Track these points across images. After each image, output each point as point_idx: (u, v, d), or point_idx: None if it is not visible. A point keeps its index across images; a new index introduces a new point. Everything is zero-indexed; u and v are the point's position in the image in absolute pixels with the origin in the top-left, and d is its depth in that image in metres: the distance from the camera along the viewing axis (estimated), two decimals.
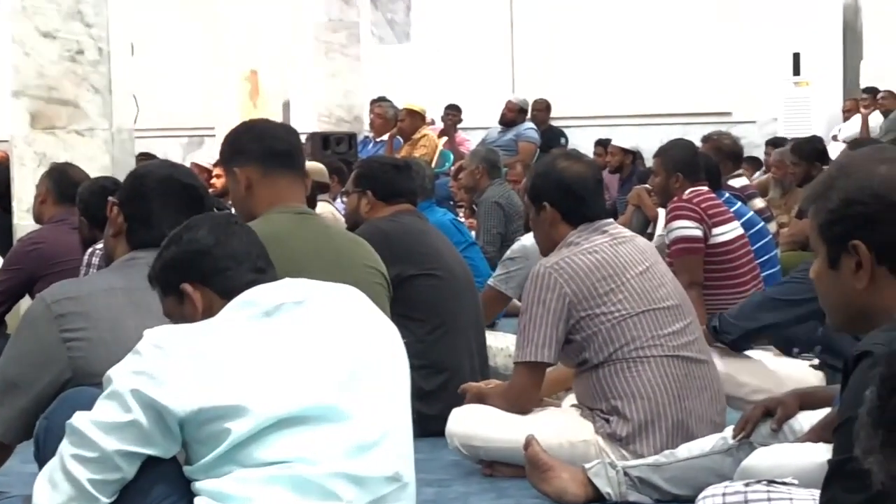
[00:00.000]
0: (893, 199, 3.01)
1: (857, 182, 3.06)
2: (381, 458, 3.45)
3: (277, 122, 5.38)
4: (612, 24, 23.23)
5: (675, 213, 8.48)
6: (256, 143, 5.24)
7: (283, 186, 5.18)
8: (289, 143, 5.31)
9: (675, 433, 5.55)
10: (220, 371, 3.38)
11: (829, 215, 3.07)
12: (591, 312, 5.65)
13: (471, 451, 5.86)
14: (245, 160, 5.22)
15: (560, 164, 6.03)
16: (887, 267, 3.01)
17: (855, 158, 3.20)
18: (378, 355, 3.60)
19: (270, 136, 5.28)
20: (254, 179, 5.17)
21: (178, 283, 3.68)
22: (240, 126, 5.51)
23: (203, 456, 3.37)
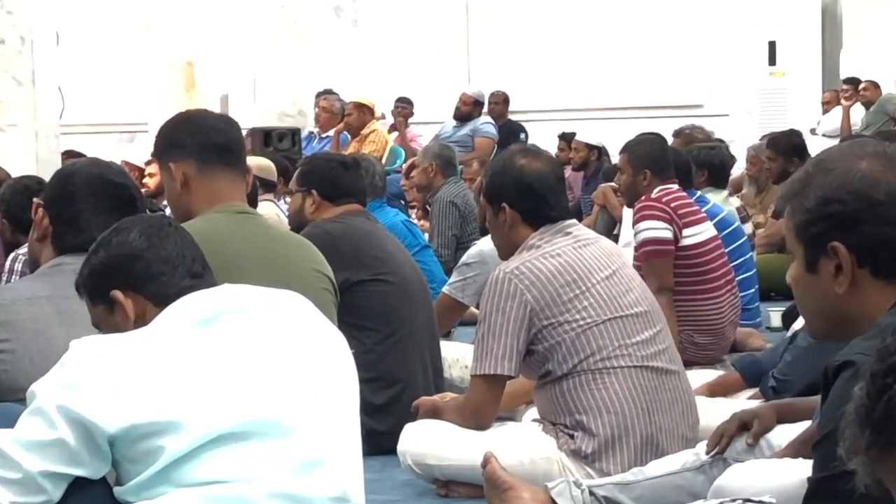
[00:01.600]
0: (875, 197, 3.02)
1: (836, 179, 3.07)
2: (326, 478, 3.44)
3: (216, 113, 5.32)
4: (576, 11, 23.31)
5: (643, 213, 8.52)
6: (193, 136, 5.18)
7: (222, 183, 5.14)
8: (228, 136, 5.25)
9: (644, 449, 5.57)
10: (154, 384, 3.36)
11: (806, 215, 3.07)
12: (555, 321, 5.66)
13: (424, 470, 5.85)
14: (181, 154, 5.16)
15: (519, 162, 6.03)
16: (869, 270, 3.01)
17: (834, 154, 3.21)
18: (323, 367, 3.58)
19: (208, 129, 5.21)
20: (190, 175, 5.12)
21: (107, 290, 3.66)
22: (175, 117, 5.44)
23: (135, 475, 3.35)
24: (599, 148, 15.89)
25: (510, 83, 21.37)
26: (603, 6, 23.48)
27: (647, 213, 8.51)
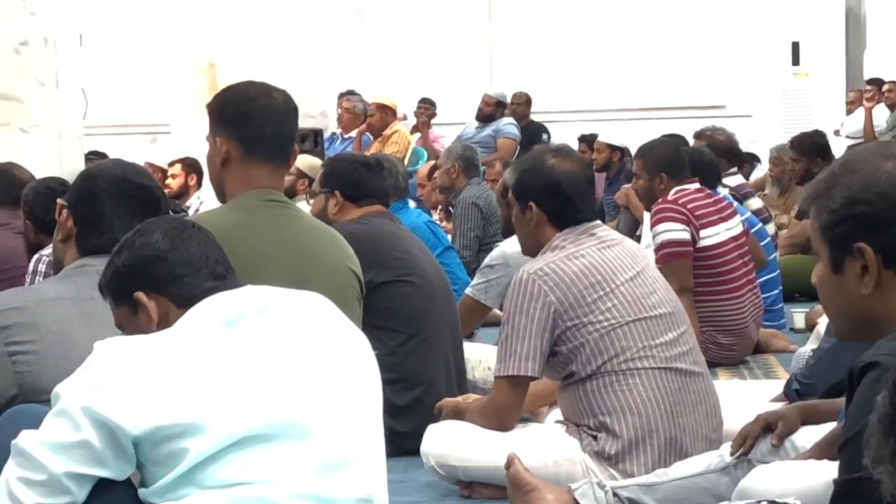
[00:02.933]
0: None
1: (862, 179, 3.06)
2: (350, 479, 3.43)
3: (279, 100, 5.14)
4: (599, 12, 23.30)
5: (660, 215, 8.53)
6: (247, 120, 5.12)
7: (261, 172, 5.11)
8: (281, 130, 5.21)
9: (667, 451, 5.56)
10: (178, 386, 3.36)
11: (831, 216, 3.06)
12: (579, 322, 5.65)
13: (447, 472, 5.85)
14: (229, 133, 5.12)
15: (549, 161, 6.01)
16: (894, 272, 3.00)
17: (860, 154, 3.20)
18: (346, 368, 3.58)
19: (264, 116, 5.14)
20: (232, 156, 5.10)
21: (131, 291, 3.66)
22: (238, 91, 5.31)
23: (160, 477, 3.36)
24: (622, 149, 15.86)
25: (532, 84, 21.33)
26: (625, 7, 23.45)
27: (664, 216, 8.52)
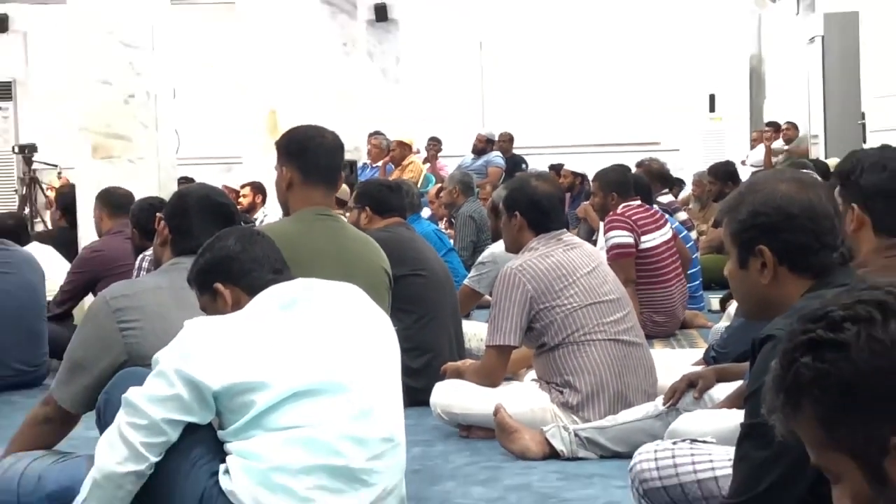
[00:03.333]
0: (792, 211, 3.04)
1: (762, 198, 3.09)
2: (377, 423, 3.46)
3: (331, 141, 5.16)
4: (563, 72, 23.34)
5: (611, 224, 8.61)
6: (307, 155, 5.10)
7: (315, 194, 5.09)
8: (332, 163, 5.20)
9: (616, 402, 5.56)
10: (247, 353, 3.40)
11: (739, 225, 3.10)
12: (548, 305, 5.66)
13: (450, 418, 5.87)
14: (293, 164, 5.10)
15: (533, 183, 6.07)
16: (787, 266, 3.04)
17: (761, 179, 3.23)
18: (373, 340, 3.61)
19: (319, 154, 5.13)
20: (294, 182, 5.08)
21: (211, 283, 3.71)
22: (302, 131, 5.32)
23: (233, 422, 3.39)
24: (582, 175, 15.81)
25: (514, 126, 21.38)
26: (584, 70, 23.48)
27: (614, 225, 8.57)
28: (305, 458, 3.33)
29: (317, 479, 3.33)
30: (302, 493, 3.31)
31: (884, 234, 3.80)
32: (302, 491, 3.31)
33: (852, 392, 1.79)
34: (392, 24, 23.65)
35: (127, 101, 9.29)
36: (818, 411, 1.83)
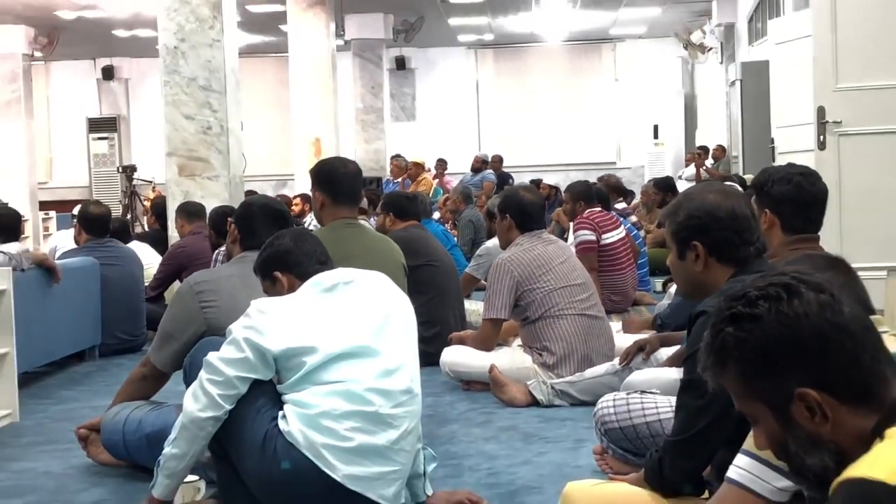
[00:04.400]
0: (719, 215, 3.06)
1: (696, 204, 3.11)
2: (399, 379, 3.45)
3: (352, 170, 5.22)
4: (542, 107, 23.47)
5: (579, 225, 8.64)
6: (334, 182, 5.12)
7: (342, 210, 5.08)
8: (353, 187, 5.21)
9: (582, 362, 5.57)
10: (299, 325, 3.40)
11: (678, 225, 3.11)
12: (530, 288, 5.67)
13: (455, 374, 5.89)
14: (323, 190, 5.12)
15: (521, 193, 6.10)
16: (715, 258, 3.06)
17: (694, 190, 3.24)
18: (397, 315, 3.61)
19: (342, 181, 5.14)
20: (326, 203, 5.09)
21: (272, 271, 3.71)
22: (328, 165, 5.34)
23: (288, 379, 3.39)
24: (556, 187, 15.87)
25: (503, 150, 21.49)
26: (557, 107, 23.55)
27: (581, 226, 8.59)
28: (344, 405, 3.33)
29: (353, 422, 3.33)
30: (342, 432, 3.31)
31: (789, 232, 3.81)
32: (342, 431, 3.31)
33: (765, 354, 1.80)
34: (409, 73, 23.73)
35: (205, 132, 9.30)
36: (739, 369, 1.83)
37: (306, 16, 15.21)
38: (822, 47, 8.12)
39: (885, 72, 8.01)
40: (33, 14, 18.21)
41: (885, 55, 8.00)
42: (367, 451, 3.33)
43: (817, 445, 1.78)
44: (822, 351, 1.77)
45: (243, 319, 3.42)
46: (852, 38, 8.04)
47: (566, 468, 4.24)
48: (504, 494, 3.93)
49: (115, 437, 4.33)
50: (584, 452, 4.42)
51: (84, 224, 7.73)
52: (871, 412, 1.76)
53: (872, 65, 8.01)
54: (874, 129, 8.03)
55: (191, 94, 9.26)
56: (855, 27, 8.02)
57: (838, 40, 8.07)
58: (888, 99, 8.00)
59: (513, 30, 21.95)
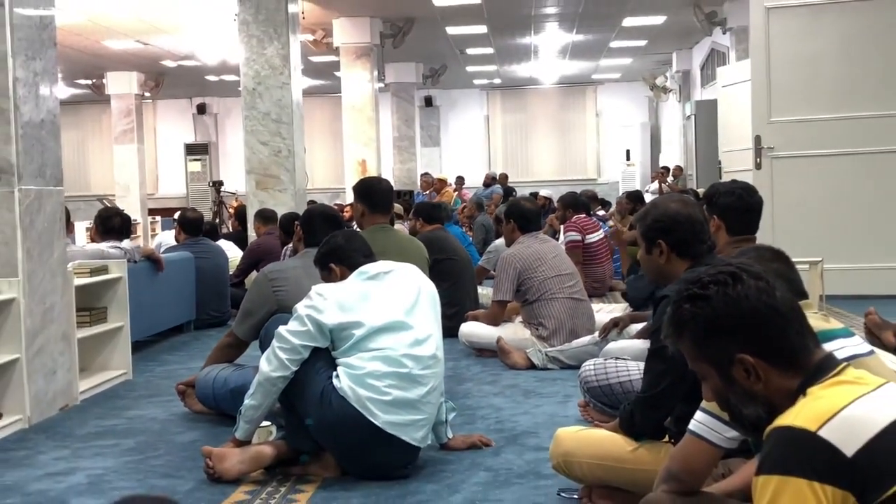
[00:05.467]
0: (679, 220, 3.03)
1: (660, 211, 3.08)
2: (427, 347, 3.44)
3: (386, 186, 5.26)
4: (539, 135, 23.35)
5: (567, 228, 8.62)
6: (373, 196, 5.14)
7: (378, 218, 5.09)
8: (387, 200, 5.24)
9: (569, 335, 5.54)
10: (349, 305, 3.38)
11: (646, 228, 3.08)
12: (529, 276, 5.65)
13: (471, 344, 5.85)
14: (363, 203, 5.12)
15: (522, 202, 6.09)
16: (675, 253, 3.03)
17: (659, 200, 3.20)
18: (425, 296, 3.57)
19: (379, 195, 5.16)
20: (365, 212, 5.10)
21: (328, 263, 3.68)
22: (368, 183, 5.34)
23: (340, 347, 3.37)
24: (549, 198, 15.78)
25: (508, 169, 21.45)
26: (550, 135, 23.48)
27: (569, 228, 8.58)
28: (384, 368, 3.32)
29: (391, 380, 3.32)
30: (382, 388, 3.30)
31: (733, 234, 3.79)
32: (382, 387, 3.30)
33: (713, 326, 1.79)
34: (435, 109, 23.69)
35: (276, 155, 9.32)
36: (692, 337, 1.82)
37: (355, 65, 15.20)
38: (759, 89, 8.09)
39: (808, 108, 7.97)
40: (143, 63, 18.30)
41: (808, 96, 7.97)
42: (402, 403, 3.33)
43: (752, 400, 1.77)
44: (758, 325, 1.76)
45: (306, 300, 3.40)
46: (782, 82, 8.01)
47: (557, 417, 4.22)
48: (508, 437, 3.92)
49: (207, 391, 4.35)
50: (570, 405, 4.41)
51: (183, 226, 7.76)
52: (796, 374, 1.75)
53: (798, 103, 7.98)
54: (800, 153, 8.00)
55: (265, 126, 9.28)
56: (784, 73, 7.99)
57: (772, 83, 8.03)
58: (810, 130, 7.97)
59: (516, 75, 21.91)
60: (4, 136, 4.33)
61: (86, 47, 16.24)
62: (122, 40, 15.75)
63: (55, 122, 4.68)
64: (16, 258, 4.37)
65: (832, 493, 1.54)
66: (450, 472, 3.45)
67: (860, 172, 7.89)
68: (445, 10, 14.21)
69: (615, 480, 2.92)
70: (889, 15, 7.82)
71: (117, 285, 5.54)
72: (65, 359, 4.72)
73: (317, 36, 15.14)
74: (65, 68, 18.82)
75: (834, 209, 7.95)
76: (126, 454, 3.87)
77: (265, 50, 9.26)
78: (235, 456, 3.40)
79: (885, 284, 7.82)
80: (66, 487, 3.44)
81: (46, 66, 4.59)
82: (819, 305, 6.80)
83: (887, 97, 7.83)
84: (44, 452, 3.94)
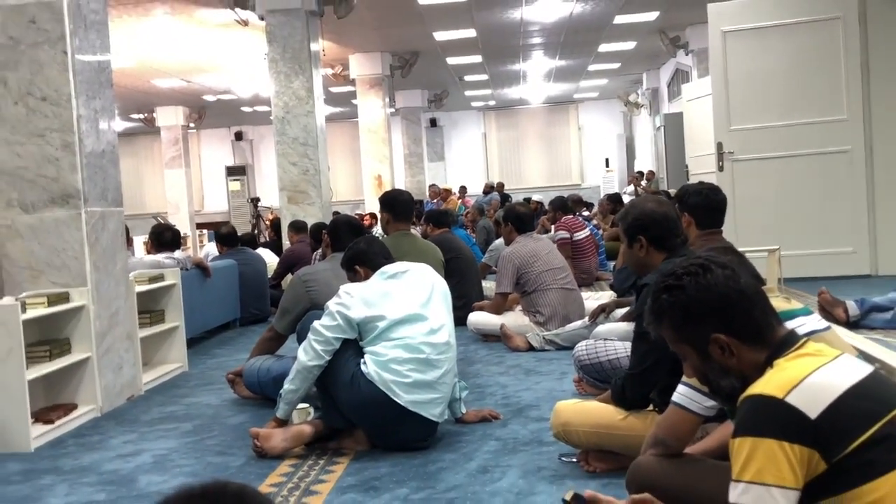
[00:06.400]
0: (656, 218, 3.00)
1: (639, 210, 3.05)
2: (441, 335, 3.42)
3: (407, 197, 5.29)
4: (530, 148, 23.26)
5: (558, 227, 8.55)
6: (396, 206, 5.17)
7: (401, 225, 5.13)
8: (408, 209, 5.26)
9: (563, 320, 5.50)
10: (372, 301, 3.37)
11: (628, 225, 3.06)
12: (526, 271, 5.61)
13: (477, 330, 5.82)
14: (388, 212, 5.15)
15: (517, 207, 6.04)
16: (654, 246, 3.00)
17: (637, 201, 3.17)
18: (437, 291, 3.55)
19: (401, 205, 5.19)
20: (390, 220, 5.14)
21: (354, 265, 3.66)
22: (392, 194, 5.35)
23: (367, 337, 3.36)
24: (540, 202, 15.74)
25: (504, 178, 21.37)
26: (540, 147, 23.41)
27: (559, 227, 8.51)
28: (405, 354, 3.30)
29: (411, 365, 3.31)
30: (404, 372, 3.29)
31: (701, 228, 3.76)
32: (404, 371, 3.29)
33: (687, 312, 1.77)
34: (439, 129, 23.66)
35: (305, 173, 9.30)
36: (671, 322, 1.80)
37: (369, 93, 15.19)
38: (719, 101, 8.05)
39: (762, 117, 7.94)
40: (187, 99, 18.32)
41: (761, 106, 7.93)
42: (421, 384, 3.32)
43: (727, 373, 1.76)
44: (727, 308, 1.74)
45: (336, 298, 3.39)
46: (739, 95, 7.97)
47: (555, 392, 4.20)
48: (514, 410, 3.89)
49: (252, 379, 4.34)
50: (566, 381, 4.38)
51: (220, 241, 7.74)
52: (764, 349, 1.73)
53: (753, 113, 7.95)
54: (757, 157, 7.96)
55: (294, 149, 9.26)
56: (740, 88, 7.95)
57: (730, 97, 8.00)
58: (765, 136, 7.93)
59: (508, 97, 21.86)
60: (71, 165, 4.33)
61: (137, 86, 16.26)
62: (169, 79, 15.76)
63: (114, 152, 4.68)
64: (84, 270, 4.37)
65: (799, 451, 1.53)
66: (465, 442, 3.44)
67: (808, 171, 7.86)
68: (445, 43, 14.22)
69: (608, 445, 2.90)
70: (826, 35, 7.80)
71: (172, 291, 5.53)
72: (129, 355, 4.72)
73: (336, 70, 15.13)
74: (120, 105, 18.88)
75: (787, 203, 7.92)
76: (185, 436, 3.86)
77: (292, 84, 9.25)
78: (279, 435, 3.39)
79: (833, 266, 7.80)
80: (135, 466, 3.44)
81: (105, 104, 4.59)
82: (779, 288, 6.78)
83: (828, 105, 7.80)
84: (114, 437, 3.94)
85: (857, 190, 7.82)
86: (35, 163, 4.33)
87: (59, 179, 4.33)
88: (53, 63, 4.30)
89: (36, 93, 4.31)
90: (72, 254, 4.35)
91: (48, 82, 4.30)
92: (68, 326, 4.34)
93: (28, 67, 4.30)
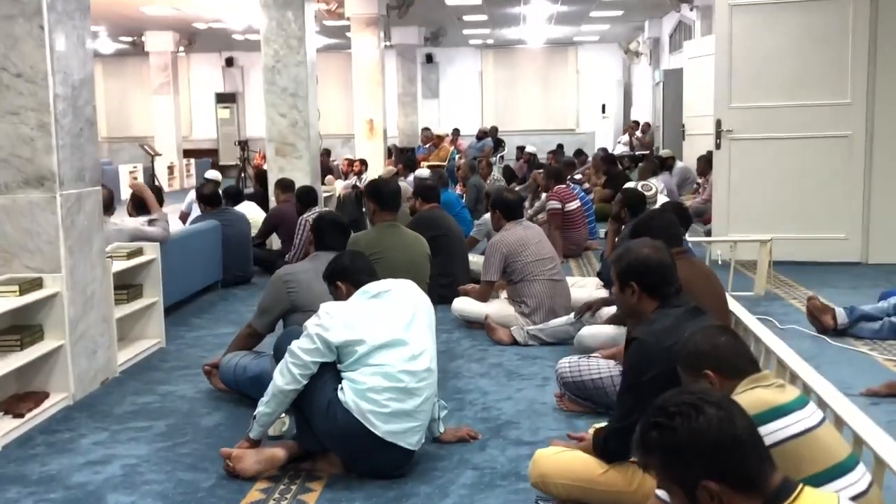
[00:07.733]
0: (650, 265, 2.91)
1: (634, 256, 2.96)
2: (422, 362, 3.32)
3: (393, 187, 5.17)
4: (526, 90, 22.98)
5: (550, 197, 8.44)
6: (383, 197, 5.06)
7: (386, 216, 5.02)
8: (395, 201, 5.14)
9: (549, 313, 5.43)
10: (352, 323, 3.26)
11: (621, 270, 2.96)
12: (514, 259, 5.51)
13: (463, 317, 5.72)
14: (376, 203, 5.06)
15: (505, 194, 5.88)
16: (647, 293, 2.91)
17: (633, 245, 3.05)
18: (420, 312, 3.42)
19: (387, 197, 5.09)
20: (376, 211, 5.04)
21: (335, 281, 3.55)
22: (378, 184, 5.26)
23: (345, 361, 3.26)
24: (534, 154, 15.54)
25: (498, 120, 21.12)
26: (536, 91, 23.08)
27: (551, 197, 8.39)
28: (383, 383, 3.21)
29: (389, 394, 3.22)
30: (381, 401, 3.20)
31: None
32: (381, 400, 3.20)
33: (676, 454, 1.67)
34: (435, 65, 23.25)
35: (293, 125, 9.09)
36: (659, 461, 1.71)
37: (364, 32, 14.83)
38: (721, 77, 7.86)
39: (764, 96, 7.78)
40: (178, 24, 17.87)
41: (764, 85, 7.76)
42: (399, 413, 3.23)
43: None
44: (720, 455, 1.65)
45: (315, 319, 3.27)
46: (742, 72, 7.79)
47: (536, 404, 4.11)
48: (493, 428, 3.81)
49: (229, 375, 4.26)
50: (547, 390, 4.29)
51: (202, 200, 7.55)
52: (757, 497, 1.65)
53: (755, 91, 7.78)
54: (755, 136, 7.82)
55: (283, 100, 9.03)
56: (744, 64, 7.77)
57: (732, 73, 7.81)
58: (766, 115, 7.78)
59: (507, 37, 21.41)
60: (46, 146, 4.15)
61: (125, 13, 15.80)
62: (158, 6, 15.30)
63: (92, 128, 4.48)
64: (59, 255, 4.23)
65: None
66: (440, 470, 3.37)
67: (807, 154, 7.73)
68: None
69: (587, 499, 2.85)
70: (835, 15, 7.58)
71: (151, 266, 5.40)
72: (104, 339, 4.62)
73: (330, 6, 14.70)
74: (108, 27, 18.37)
75: (784, 186, 7.81)
76: (157, 440, 3.78)
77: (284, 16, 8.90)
78: (252, 457, 3.32)
79: (824, 252, 7.74)
80: (103, 479, 3.36)
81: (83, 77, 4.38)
82: (768, 278, 6.70)
83: (832, 88, 7.63)
84: (85, 435, 3.85)
85: (854, 177, 7.71)
86: (9, 142, 4.15)
87: (33, 161, 4.16)
88: (29, 38, 4.08)
89: (11, 68, 4.10)
90: (46, 238, 4.21)
91: (23, 58, 4.09)
92: (40, 314, 4.23)
93: (2, 42, 4.08)
